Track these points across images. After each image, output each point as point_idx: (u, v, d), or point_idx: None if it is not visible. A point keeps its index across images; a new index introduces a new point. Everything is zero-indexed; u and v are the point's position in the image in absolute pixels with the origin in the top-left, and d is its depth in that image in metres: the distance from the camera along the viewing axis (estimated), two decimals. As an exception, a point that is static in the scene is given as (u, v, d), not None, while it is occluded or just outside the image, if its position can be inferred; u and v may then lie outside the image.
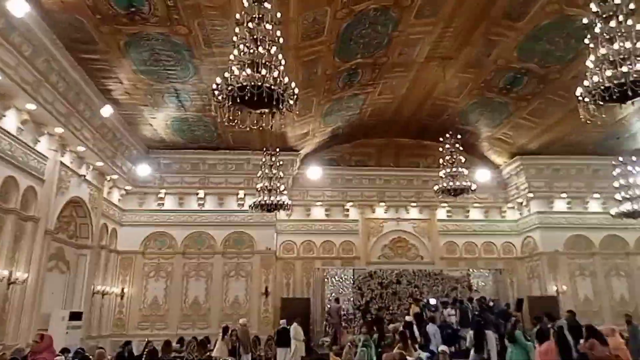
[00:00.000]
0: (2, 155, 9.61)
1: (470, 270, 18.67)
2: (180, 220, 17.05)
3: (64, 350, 9.54)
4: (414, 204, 19.54)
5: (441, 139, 13.36)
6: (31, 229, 10.82)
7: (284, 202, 12.73)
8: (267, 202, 12.45)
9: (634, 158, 14.24)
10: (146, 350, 9.73)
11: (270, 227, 17.51)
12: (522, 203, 19.42)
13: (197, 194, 17.22)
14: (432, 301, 15.51)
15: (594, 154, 17.78)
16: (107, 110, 12.55)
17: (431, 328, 11.98)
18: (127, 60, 11.01)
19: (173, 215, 17.10)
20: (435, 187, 12.83)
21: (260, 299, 16.57)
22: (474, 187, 12.40)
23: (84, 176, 13.26)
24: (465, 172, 12.50)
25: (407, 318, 12.76)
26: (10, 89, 9.35)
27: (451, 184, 12.25)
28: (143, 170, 16.39)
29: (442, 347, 7.56)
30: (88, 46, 10.28)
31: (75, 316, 12.57)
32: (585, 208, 18.86)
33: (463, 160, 12.56)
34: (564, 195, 18.59)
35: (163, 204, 17.15)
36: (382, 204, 19.43)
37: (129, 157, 15.80)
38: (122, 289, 16.11)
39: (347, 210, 19.36)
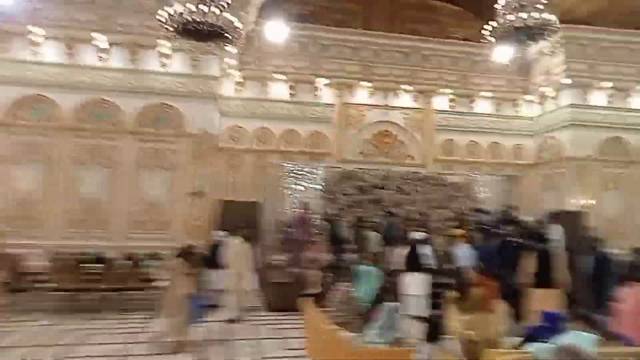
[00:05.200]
0: None
1: (475, 175, 14.34)
2: (68, 79, 11.18)
3: None
4: (409, 87, 14.63)
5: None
6: None
7: (229, 23, 7.09)
8: (199, 19, 6.69)
9: None
10: None
11: (209, 101, 12.04)
12: (547, 94, 14.79)
13: (95, 40, 11.26)
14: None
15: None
16: None
17: (464, 251, 7.43)
18: None
19: (57, 71, 11.13)
20: (491, 25, 7.49)
21: (191, 201, 11.52)
22: (556, 23, 7.23)
23: None
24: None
25: (417, 236, 8.13)
26: None
27: (522, 17, 6.91)
28: (-2, -9, 10.16)
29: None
30: None
31: None
32: (628, 103, 14.49)
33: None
34: (606, 83, 14.01)
35: (39, 52, 11.12)
36: (367, 84, 14.33)
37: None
38: (-26, 178, 10.54)
39: (320, 89, 14.18)
